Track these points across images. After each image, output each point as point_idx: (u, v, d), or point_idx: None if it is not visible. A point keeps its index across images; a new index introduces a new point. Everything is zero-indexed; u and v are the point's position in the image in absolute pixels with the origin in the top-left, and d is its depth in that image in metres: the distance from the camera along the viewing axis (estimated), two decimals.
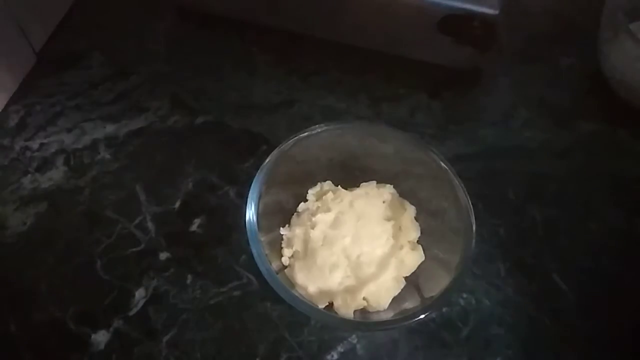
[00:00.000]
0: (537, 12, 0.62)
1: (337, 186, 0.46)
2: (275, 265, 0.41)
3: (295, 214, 0.45)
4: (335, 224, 0.43)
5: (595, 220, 0.49)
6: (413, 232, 0.44)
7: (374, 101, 0.55)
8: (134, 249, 0.45)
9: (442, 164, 0.43)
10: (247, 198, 0.41)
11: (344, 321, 0.40)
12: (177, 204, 0.48)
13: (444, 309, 0.42)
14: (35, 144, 0.50)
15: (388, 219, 0.44)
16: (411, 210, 0.45)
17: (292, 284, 0.41)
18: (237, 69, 0.56)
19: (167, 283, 0.44)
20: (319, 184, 0.46)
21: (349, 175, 0.46)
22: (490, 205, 0.48)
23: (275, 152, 0.43)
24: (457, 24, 0.49)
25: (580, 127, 0.54)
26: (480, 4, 0.48)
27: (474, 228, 0.40)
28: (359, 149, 0.46)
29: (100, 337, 0.41)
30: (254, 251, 0.39)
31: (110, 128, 0.52)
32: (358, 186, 0.46)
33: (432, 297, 0.39)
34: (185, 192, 0.48)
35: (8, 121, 0.51)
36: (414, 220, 0.44)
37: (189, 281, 0.44)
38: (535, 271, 0.46)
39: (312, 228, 0.43)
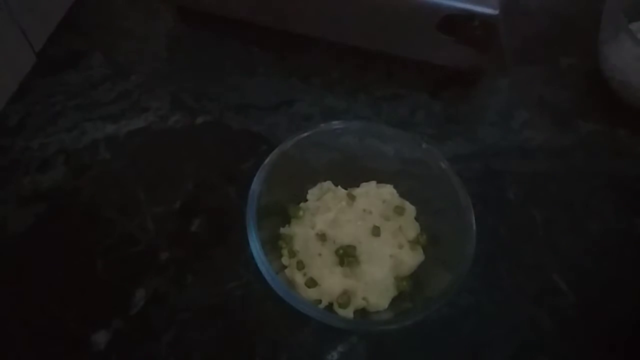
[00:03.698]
0: (537, 12, 0.62)
1: (337, 186, 0.46)
2: (275, 265, 0.41)
3: None
4: (335, 224, 0.43)
5: (595, 220, 0.49)
6: (413, 232, 0.44)
7: (374, 101, 0.55)
8: (134, 249, 0.45)
9: (442, 164, 0.43)
10: (247, 198, 0.41)
11: (344, 321, 0.40)
12: (177, 204, 0.48)
13: (444, 309, 0.42)
14: (35, 144, 0.50)
15: (388, 219, 0.44)
16: (411, 210, 0.45)
17: (292, 284, 0.41)
18: (237, 69, 0.56)
19: (167, 283, 0.44)
20: (319, 184, 0.46)
21: (349, 175, 0.46)
22: (490, 205, 0.48)
23: (275, 152, 0.43)
24: (457, 24, 0.49)
25: (580, 127, 0.54)
26: (480, 4, 0.48)
27: (474, 228, 0.40)
28: (359, 149, 0.46)
29: (100, 337, 0.41)
30: (254, 251, 0.39)
31: (110, 128, 0.52)
32: (358, 186, 0.46)
33: (432, 297, 0.39)
34: (185, 192, 0.48)
35: (8, 121, 0.51)
36: (414, 220, 0.44)
37: (189, 281, 0.44)
38: (535, 271, 0.46)
39: (312, 228, 0.43)
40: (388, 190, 0.45)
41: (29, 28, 0.53)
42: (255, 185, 0.41)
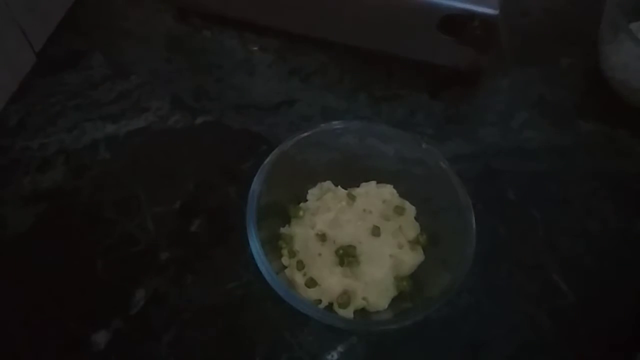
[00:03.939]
0: (537, 12, 0.62)
1: (337, 186, 0.46)
2: (275, 265, 0.41)
3: None
4: (335, 224, 0.43)
5: (595, 220, 0.49)
6: (413, 232, 0.44)
7: (374, 101, 0.55)
8: (134, 249, 0.45)
9: (442, 164, 0.43)
10: (247, 198, 0.41)
11: (344, 321, 0.40)
12: (177, 204, 0.48)
13: (444, 309, 0.42)
14: (35, 144, 0.50)
15: (388, 219, 0.44)
16: (411, 210, 0.45)
17: (292, 284, 0.41)
18: (237, 69, 0.56)
19: (167, 283, 0.44)
20: (319, 184, 0.46)
21: (349, 175, 0.46)
22: (490, 205, 0.48)
23: (275, 152, 0.43)
24: (457, 24, 0.49)
25: (580, 127, 0.54)
26: (480, 4, 0.48)
27: (474, 228, 0.40)
28: (359, 149, 0.46)
29: (100, 337, 0.41)
30: (254, 251, 0.39)
31: (110, 128, 0.52)
32: (358, 186, 0.46)
33: (432, 297, 0.39)
34: (185, 192, 0.48)
35: (8, 121, 0.51)
36: (414, 220, 0.44)
37: (189, 281, 0.44)
38: (535, 271, 0.46)
39: (312, 228, 0.43)
40: (388, 190, 0.45)
41: (29, 28, 0.53)
42: (255, 185, 0.41)
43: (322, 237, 0.42)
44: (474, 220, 0.40)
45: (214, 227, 0.47)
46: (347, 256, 0.41)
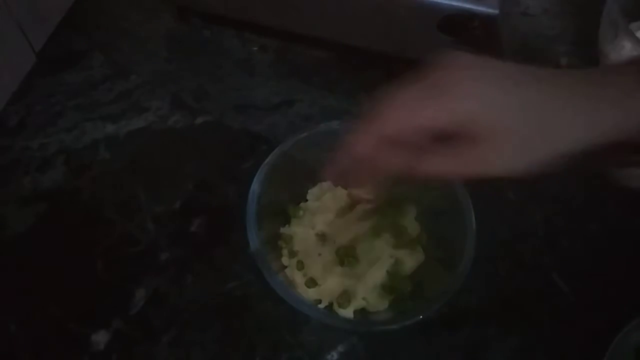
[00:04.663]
0: (537, 12, 0.62)
1: (337, 186, 0.46)
2: (275, 265, 0.41)
3: None
4: (335, 224, 0.43)
5: (595, 220, 0.49)
6: (413, 232, 0.44)
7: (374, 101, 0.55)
8: (134, 249, 0.45)
9: None
10: (247, 198, 0.41)
11: (344, 321, 0.40)
12: (177, 204, 0.48)
13: (444, 309, 0.42)
14: (35, 144, 0.50)
15: (388, 219, 0.43)
16: (411, 210, 0.45)
17: (292, 284, 0.41)
18: (237, 69, 0.56)
19: (167, 283, 0.44)
20: (319, 184, 0.46)
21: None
22: (490, 205, 0.48)
23: (275, 152, 0.43)
24: (457, 24, 0.49)
25: None
26: (480, 4, 0.47)
27: (474, 228, 0.40)
28: None
29: (100, 337, 0.41)
30: (254, 251, 0.39)
31: (110, 128, 0.52)
32: None
33: (432, 297, 0.39)
34: (185, 192, 0.48)
35: (8, 121, 0.51)
36: (414, 220, 0.44)
37: (189, 281, 0.44)
38: (535, 271, 0.46)
39: (312, 228, 0.43)
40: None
41: (29, 28, 0.53)
42: (255, 185, 0.41)
43: (322, 237, 0.42)
44: (474, 220, 0.40)
45: (214, 227, 0.47)
46: (347, 256, 0.41)
